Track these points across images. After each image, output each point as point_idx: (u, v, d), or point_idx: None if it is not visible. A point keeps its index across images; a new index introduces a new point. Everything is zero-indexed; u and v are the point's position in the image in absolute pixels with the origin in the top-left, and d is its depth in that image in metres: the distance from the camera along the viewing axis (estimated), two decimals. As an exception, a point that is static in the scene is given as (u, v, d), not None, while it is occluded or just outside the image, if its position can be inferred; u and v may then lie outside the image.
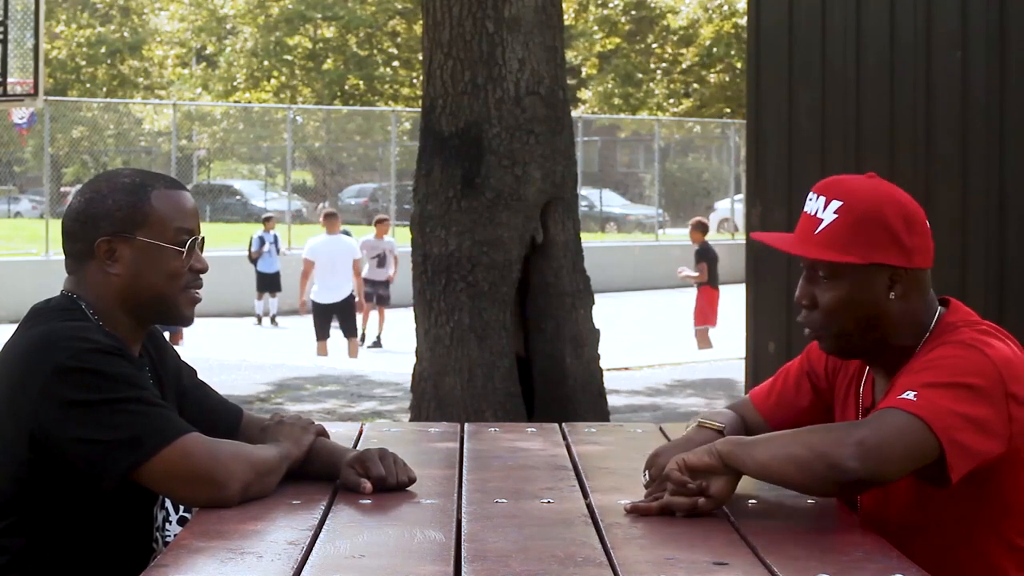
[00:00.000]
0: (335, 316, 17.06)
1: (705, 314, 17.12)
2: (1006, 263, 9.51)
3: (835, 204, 2.75)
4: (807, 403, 3.03)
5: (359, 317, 18.36)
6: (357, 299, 17.57)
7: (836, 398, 2.99)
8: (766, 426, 3.02)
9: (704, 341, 17.01)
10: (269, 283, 21.50)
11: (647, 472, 2.79)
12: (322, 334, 17.04)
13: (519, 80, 8.24)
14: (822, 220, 2.76)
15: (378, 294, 18.83)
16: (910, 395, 2.59)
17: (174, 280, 2.91)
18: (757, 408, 3.07)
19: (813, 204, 2.81)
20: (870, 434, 2.55)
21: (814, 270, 2.79)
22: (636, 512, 2.67)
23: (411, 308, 8.72)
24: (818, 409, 3.01)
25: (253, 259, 21.24)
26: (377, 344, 18.57)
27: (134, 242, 2.88)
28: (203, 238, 2.97)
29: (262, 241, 21.29)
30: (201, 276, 2.96)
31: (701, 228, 17.88)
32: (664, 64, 38.21)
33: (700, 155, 38.33)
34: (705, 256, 17.27)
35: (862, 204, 2.75)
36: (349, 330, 17.16)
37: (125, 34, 41.71)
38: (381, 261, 18.90)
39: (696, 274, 17.20)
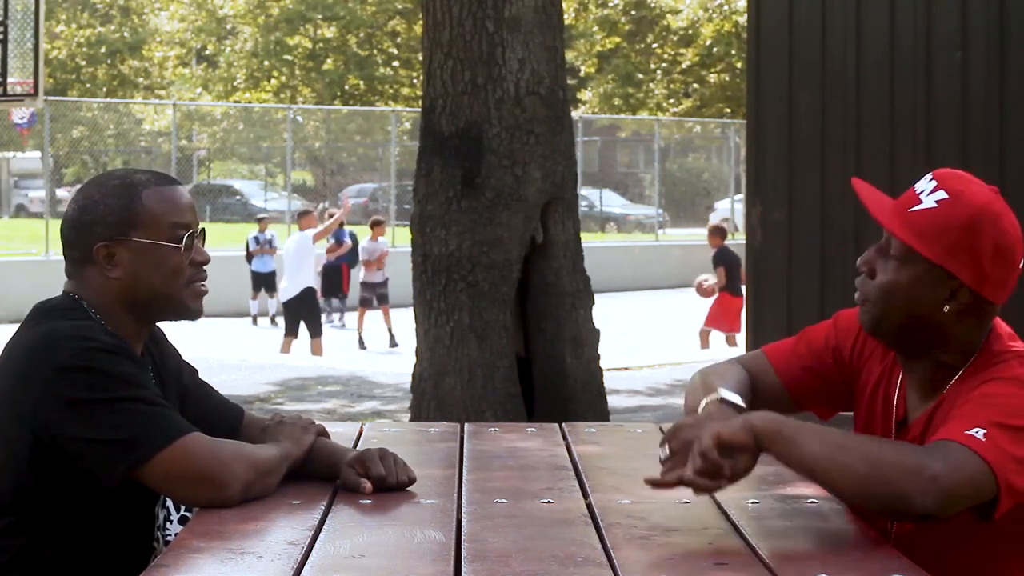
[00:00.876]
0: (299, 313, 17.15)
1: (717, 319, 16.95)
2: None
3: (940, 194, 2.67)
4: (828, 374, 2.93)
5: (351, 320, 18.40)
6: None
7: (861, 387, 2.91)
8: (781, 388, 2.93)
9: (706, 341, 16.93)
10: (263, 282, 21.62)
11: (666, 446, 2.66)
12: (288, 330, 17.15)
13: (519, 80, 8.24)
14: (921, 202, 2.68)
15: (377, 294, 18.95)
16: (978, 433, 2.51)
17: (176, 277, 2.90)
18: (775, 368, 2.95)
19: (923, 184, 2.72)
20: (944, 473, 2.45)
21: (888, 244, 2.72)
22: (654, 486, 2.57)
23: (411, 308, 8.72)
24: (838, 384, 2.93)
25: (249, 259, 21.46)
26: (393, 344, 18.45)
27: (130, 244, 2.87)
28: (203, 229, 2.96)
29: (257, 241, 21.50)
30: (205, 268, 2.95)
31: (719, 233, 17.44)
32: (664, 64, 38.21)
33: (700, 155, 38.36)
34: (724, 260, 16.98)
35: (964, 208, 2.66)
36: (312, 328, 17.18)
37: (125, 34, 41.70)
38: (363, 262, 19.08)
39: (716, 280, 16.88)
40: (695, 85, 38.14)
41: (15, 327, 2.93)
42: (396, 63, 39.39)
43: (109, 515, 2.84)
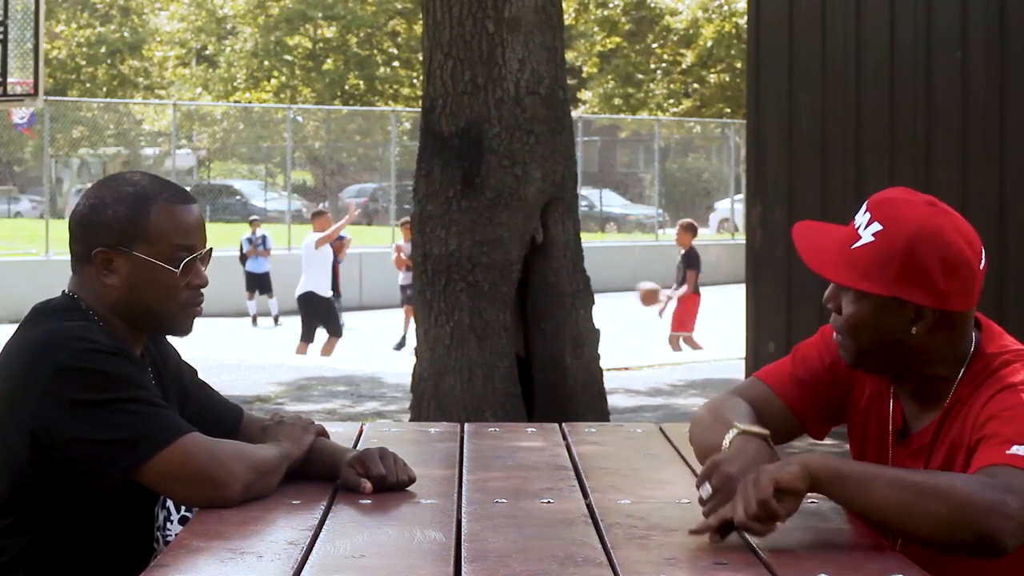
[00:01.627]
0: (302, 314, 17.11)
1: (683, 321, 16.78)
2: (1006, 263, 9.51)
3: (875, 226, 2.65)
4: (828, 391, 2.88)
5: (349, 320, 18.27)
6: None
7: (856, 400, 2.88)
8: (787, 413, 2.87)
9: (677, 345, 16.81)
10: (257, 283, 21.63)
11: (708, 482, 2.54)
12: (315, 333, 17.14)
13: (519, 80, 8.23)
14: (860, 238, 2.66)
15: (406, 296, 18.83)
16: (1020, 450, 2.47)
17: (170, 296, 2.88)
18: (778, 393, 2.88)
19: (860, 218, 2.69)
20: (1019, 505, 2.39)
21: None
22: (699, 532, 2.47)
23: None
24: (836, 399, 2.89)
25: (243, 260, 21.52)
26: (401, 345, 18.38)
27: (130, 256, 2.86)
28: (209, 250, 2.94)
29: (250, 242, 21.57)
30: (202, 290, 2.94)
31: (692, 230, 16.91)
32: (664, 64, 38.21)
33: (700, 155, 38.35)
34: (696, 263, 16.74)
35: (900, 236, 2.63)
36: (304, 331, 17.15)
37: (125, 34, 41.73)
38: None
39: (680, 293, 16.62)
40: (695, 85, 38.14)
41: (15, 327, 2.93)
42: (396, 63, 39.38)
43: (109, 515, 2.84)
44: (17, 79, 12.31)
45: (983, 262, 2.69)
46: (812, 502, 2.78)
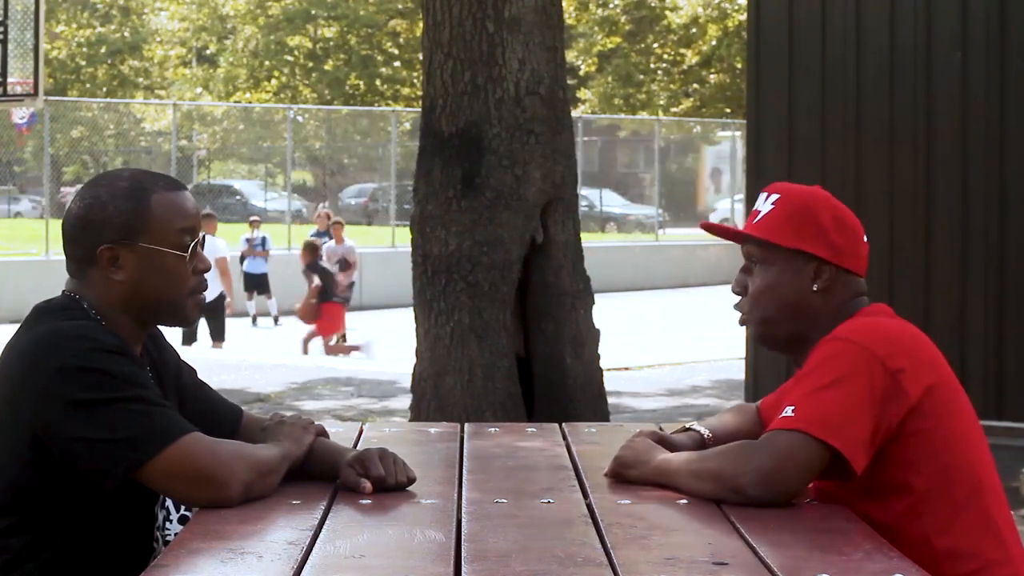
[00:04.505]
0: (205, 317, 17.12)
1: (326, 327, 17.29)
2: (1006, 262, 9.52)
3: (773, 197, 2.99)
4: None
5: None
6: (228, 300, 17.66)
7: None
8: (757, 414, 3.21)
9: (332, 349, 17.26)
10: (255, 284, 21.63)
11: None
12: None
13: (519, 80, 8.23)
14: (761, 211, 2.99)
15: (341, 297, 18.88)
16: (789, 411, 2.75)
17: (180, 283, 2.90)
18: (763, 415, 3.18)
19: (759, 202, 3.02)
20: (766, 459, 2.71)
21: (749, 259, 2.98)
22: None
23: (411, 308, 8.71)
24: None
25: (242, 260, 21.55)
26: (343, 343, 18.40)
27: (136, 248, 2.86)
28: (203, 236, 2.96)
29: (248, 243, 21.59)
30: (205, 275, 2.96)
31: None
32: (664, 64, 38.19)
33: (700, 155, 38.33)
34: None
35: (796, 197, 2.98)
36: (216, 333, 17.17)
37: (125, 34, 41.73)
38: (343, 265, 18.96)
39: None
40: (695, 85, 38.13)
41: (15, 327, 2.92)
42: (396, 63, 39.38)
43: (109, 515, 2.84)
44: (17, 79, 12.32)
45: (866, 238, 2.99)
46: (811, 502, 2.79)
